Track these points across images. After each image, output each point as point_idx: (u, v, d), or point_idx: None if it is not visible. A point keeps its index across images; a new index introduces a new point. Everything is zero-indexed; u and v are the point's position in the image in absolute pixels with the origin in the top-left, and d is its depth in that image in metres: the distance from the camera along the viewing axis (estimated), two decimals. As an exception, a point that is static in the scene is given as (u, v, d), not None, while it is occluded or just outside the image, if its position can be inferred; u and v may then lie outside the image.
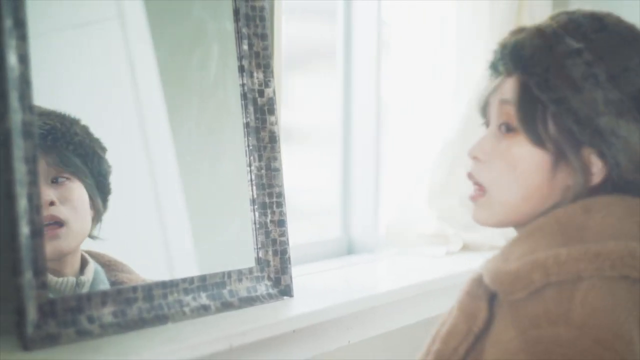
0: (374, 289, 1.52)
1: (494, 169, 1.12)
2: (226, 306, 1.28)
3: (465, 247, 2.01)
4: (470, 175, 1.15)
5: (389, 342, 1.63)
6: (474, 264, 1.76)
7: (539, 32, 1.11)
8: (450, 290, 1.65)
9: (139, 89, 1.24)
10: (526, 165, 1.10)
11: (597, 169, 1.08)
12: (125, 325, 1.13)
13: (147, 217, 1.28)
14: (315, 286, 1.50)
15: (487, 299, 1.10)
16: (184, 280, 1.23)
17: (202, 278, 1.26)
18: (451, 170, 2.02)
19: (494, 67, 1.15)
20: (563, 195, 1.10)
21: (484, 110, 1.16)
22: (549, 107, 1.07)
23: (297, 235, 1.62)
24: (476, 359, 1.08)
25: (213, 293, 1.27)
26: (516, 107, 1.10)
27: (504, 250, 1.11)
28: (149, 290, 1.18)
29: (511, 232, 1.37)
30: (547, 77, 1.07)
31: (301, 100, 2.06)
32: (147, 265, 1.23)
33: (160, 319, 1.18)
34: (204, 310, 1.24)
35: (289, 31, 1.73)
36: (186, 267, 1.28)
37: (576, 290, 1.01)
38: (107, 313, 1.12)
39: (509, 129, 1.11)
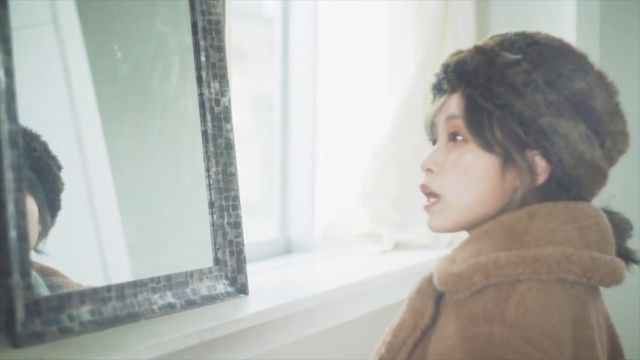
0: (323, 287, 1.63)
1: (447, 177, 1.20)
2: (190, 304, 1.38)
3: (398, 246, 2.16)
4: (423, 187, 1.25)
5: (336, 335, 1.77)
6: (407, 262, 1.94)
7: (479, 49, 1.22)
8: (388, 287, 1.81)
9: (75, 98, 1.30)
10: (477, 170, 1.18)
11: (542, 169, 1.17)
12: (102, 322, 1.22)
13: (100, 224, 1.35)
14: (266, 284, 1.61)
15: (435, 298, 1.18)
16: (151, 279, 1.33)
17: (168, 277, 1.36)
18: (383, 172, 2.17)
19: (437, 87, 1.25)
20: (513, 196, 1.18)
21: (430, 129, 1.27)
22: (494, 113, 1.16)
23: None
24: (423, 351, 1.16)
25: (178, 292, 1.37)
26: (464, 118, 1.18)
27: (453, 252, 1.19)
28: (122, 290, 1.28)
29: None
30: (490, 86, 1.16)
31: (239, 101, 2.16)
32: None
33: (133, 317, 1.27)
34: (171, 308, 1.35)
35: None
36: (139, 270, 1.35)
37: (514, 291, 1.09)
38: (85, 311, 1.21)
39: (456, 137, 1.21)
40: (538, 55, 1.19)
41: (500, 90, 1.16)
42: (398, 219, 2.19)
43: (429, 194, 1.25)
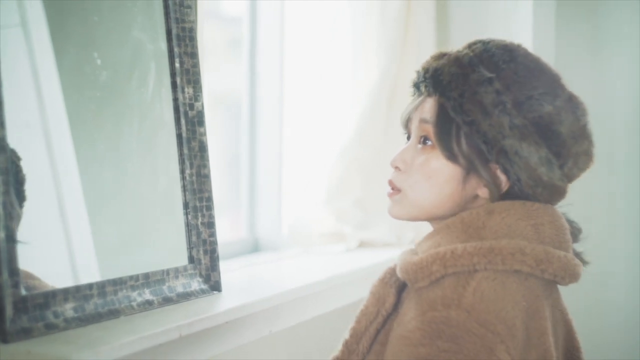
0: (292, 284, 1.71)
1: (411, 178, 1.28)
2: (167, 301, 1.46)
3: (362, 245, 2.25)
4: (390, 182, 1.32)
5: (305, 330, 1.85)
6: (371, 260, 2.03)
7: (457, 61, 1.26)
8: (354, 283, 1.90)
9: (44, 100, 1.36)
10: (440, 177, 1.25)
11: (502, 182, 1.24)
12: (85, 319, 1.29)
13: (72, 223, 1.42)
14: (237, 282, 1.69)
15: (397, 287, 1.25)
16: (130, 277, 1.40)
17: (146, 275, 1.43)
18: (347, 173, 2.25)
19: (416, 86, 1.32)
20: (472, 203, 1.27)
21: (407, 124, 1.33)
22: (462, 127, 1.22)
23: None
24: (385, 337, 1.23)
25: (155, 289, 1.45)
26: (434, 127, 1.25)
27: (416, 246, 1.28)
28: (102, 287, 1.35)
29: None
30: (461, 101, 1.22)
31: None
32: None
33: (114, 313, 1.35)
34: (149, 304, 1.42)
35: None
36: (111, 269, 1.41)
37: (471, 279, 1.15)
38: (69, 308, 1.28)
39: (426, 141, 1.27)
40: (513, 74, 1.24)
41: (469, 107, 1.21)
42: (362, 218, 2.28)
43: (393, 188, 1.32)
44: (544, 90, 1.24)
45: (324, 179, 2.24)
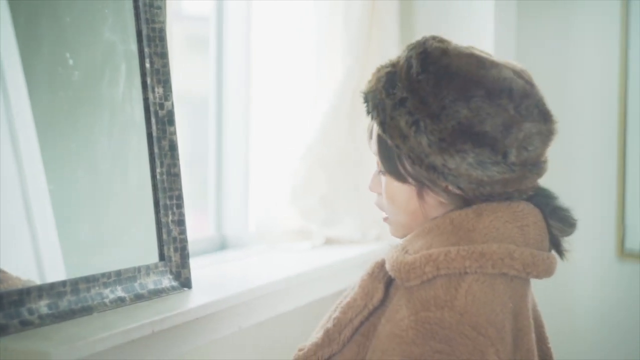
0: (261, 281, 1.76)
1: (385, 202, 1.34)
2: (138, 297, 1.50)
3: (328, 242, 2.30)
4: (376, 205, 1.39)
5: (273, 326, 1.90)
6: (338, 256, 2.08)
7: (378, 83, 1.28)
8: (321, 280, 1.95)
9: (10, 101, 1.38)
10: (400, 198, 1.31)
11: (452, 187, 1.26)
12: (59, 315, 1.33)
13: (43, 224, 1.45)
14: (206, 279, 1.72)
15: (385, 282, 1.28)
16: (103, 274, 1.44)
17: (118, 273, 1.47)
18: (312, 171, 2.29)
19: (367, 111, 1.33)
20: (446, 207, 1.29)
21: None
22: (395, 149, 1.25)
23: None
24: (368, 329, 1.27)
25: (127, 286, 1.49)
26: (378, 154, 1.31)
27: (405, 243, 1.29)
28: (75, 284, 1.39)
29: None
30: (384, 128, 1.25)
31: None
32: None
33: (87, 310, 1.38)
34: (121, 301, 1.46)
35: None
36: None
37: (462, 281, 1.19)
38: (43, 305, 1.32)
39: (380, 172, 1.35)
40: (425, 86, 1.23)
41: (390, 133, 1.25)
42: (327, 215, 2.32)
43: (380, 209, 1.38)
44: (455, 96, 1.22)
45: (290, 177, 2.27)
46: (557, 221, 1.31)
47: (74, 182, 1.43)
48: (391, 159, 1.29)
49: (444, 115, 1.22)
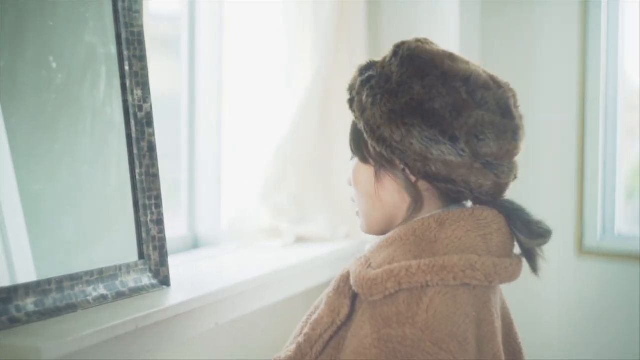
0: (237, 279, 1.81)
1: (353, 190, 1.42)
2: (120, 295, 1.55)
3: (299, 240, 2.36)
4: (352, 199, 1.45)
5: (249, 322, 1.95)
6: (310, 254, 2.14)
7: (358, 71, 1.39)
8: (294, 277, 2.01)
9: None
10: (362, 180, 1.38)
11: (408, 172, 1.32)
12: (45, 313, 1.38)
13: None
14: (183, 277, 1.78)
15: (351, 296, 1.30)
16: (86, 273, 1.49)
17: (100, 271, 1.52)
18: (282, 170, 2.35)
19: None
20: (401, 198, 1.35)
21: None
22: (362, 131, 1.33)
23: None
24: (338, 342, 1.29)
25: (109, 284, 1.53)
26: (349, 138, 1.40)
27: (368, 255, 1.32)
28: (60, 283, 1.43)
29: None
30: (352, 104, 1.36)
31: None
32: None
33: (71, 307, 1.43)
34: (103, 299, 1.51)
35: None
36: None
37: (424, 295, 1.20)
38: (30, 303, 1.36)
39: (352, 158, 1.42)
40: (391, 67, 1.33)
41: (355, 108, 1.35)
42: (298, 214, 2.38)
43: (354, 200, 1.45)
44: (412, 74, 1.29)
45: (261, 176, 2.33)
46: (526, 233, 1.34)
47: (58, 183, 1.47)
48: (357, 140, 1.37)
49: (400, 91, 1.29)
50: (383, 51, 2.66)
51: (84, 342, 1.30)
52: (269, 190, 2.34)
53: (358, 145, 1.38)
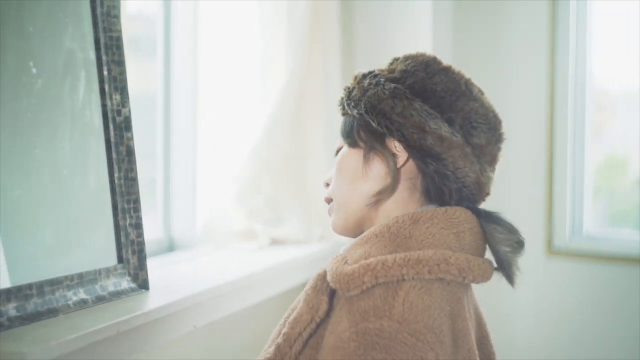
0: (215, 281, 1.83)
1: (333, 182, 1.45)
2: (100, 299, 1.56)
3: (274, 242, 2.38)
4: (326, 199, 1.48)
5: (227, 325, 1.97)
6: (285, 256, 2.17)
7: (359, 73, 1.47)
8: (271, 279, 2.03)
9: None
10: (349, 165, 1.42)
11: (400, 150, 1.37)
12: (26, 317, 1.39)
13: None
14: (160, 280, 1.79)
15: (329, 293, 1.32)
16: (66, 277, 1.50)
17: (80, 275, 1.54)
18: (257, 172, 2.37)
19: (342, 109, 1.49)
20: (383, 184, 1.39)
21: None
22: (355, 116, 1.41)
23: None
24: (317, 342, 1.30)
25: (88, 288, 1.55)
26: (340, 130, 1.45)
27: (345, 253, 1.35)
28: (41, 287, 1.44)
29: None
30: (351, 94, 1.43)
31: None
32: None
33: (52, 312, 1.45)
34: (84, 303, 1.52)
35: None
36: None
37: (400, 289, 1.23)
38: (11, 307, 1.38)
39: (338, 150, 1.47)
40: (393, 65, 1.44)
41: (354, 94, 1.42)
42: (272, 216, 2.40)
43: (326, 199, 1.47)
44: (416, 64, 1.41)
45: (236, 178, 2.34)
46: (506, 243, 1.38)
47: (38, 187, 1.48)
48: (350, 128, 1.43)
49: (403, 78, 1.40)
50: (356, 51, 2.71)
51: (68, 347, 1.32)
52: (244, 192, 2.35)
53: (349, 131, 1.43)
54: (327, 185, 1.48)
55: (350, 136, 1.42)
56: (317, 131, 2.52)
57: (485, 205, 1.46)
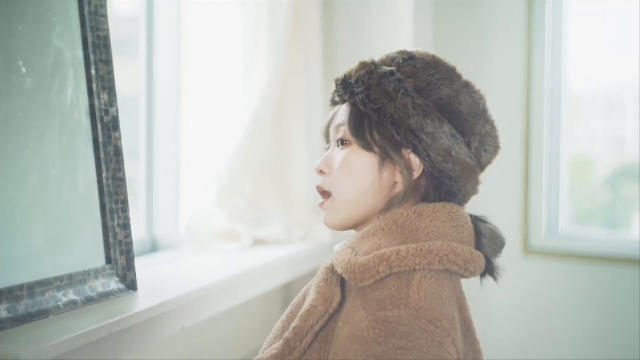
0: (202, 282, 1.83)
1: (335, 177, 1.41)
2: (89, 300, 1.55)
3: (257, 242, 2.38)
4: (318, 187, 1.44)
5: (214, 325, 1.97)
6: (269, 256, 2.17)
7: (362, 64, 1.42)
8: (256, 279, 2.03)
9: None
10: (360, 168, 1.39)
11: (416, 165, 1.37)
12: (18, 319, 1.38)
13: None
14: (147, 281, 1.78)
15: (340, 285, 1.33)
16: (56, 278, 1.49)
17: (70, 276, 1.52)
18: (239, 173, 2.37)
19: (332, 100, 1.47)
20: (392, 191, 1.39)
21: (327, 135, 1.49)
22: (372, 117, 1.36)
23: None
24: (327, 334, 1.30)
25: (78, 289, 1.54)
26: (348, 124, 1.40)
27: (353, 245, 1.36)
28: (32, 288, 1.43)
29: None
30: (368, 93, 1.37)
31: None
32: None
33: (43, 313, 1.43)
34: (74, 304, 1.51)
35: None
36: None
37: (412, 279, 1.26)
38: (3, 309, 1.36)
39: (343, 142, 1.42)
40: (412, 67, 1.41)
41: (376, 96, 1.37)
42: (254, 217, 2.40)
43: (323, 193, 1.44)
44: (441, 76, 1.40)
45: (218, 179, 2.34)
46: (491, 243, 1.43)
47: (28, 188, 1.47)
48: (362, 127, 1.39)
49: (428, 90, 1.38)
50: (337, 51, 2.71)
51: (62, 348, 1.31)
52: (226, 193, 2.35)
53: (361, 133, 1.39)
54: (321, 172, 1.45)
55: (363, 138, 1.39)
56: (299, 131, 2.52)
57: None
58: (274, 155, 2.46)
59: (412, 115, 1.35)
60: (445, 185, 1.39)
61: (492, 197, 3.11)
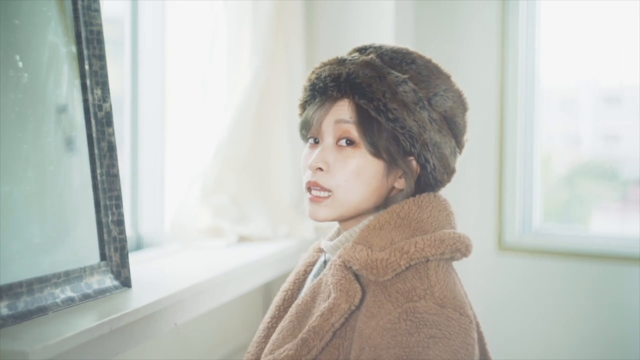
0: (194, 279, 1.81)
1: (338, 176, 1.38)
2: (86, 297, 1.53)
3: (241, 239, 2.37)
4: (314, 183, 1.39)
5: (205, 321, 1.95)
6: (256, 253, 2.16)
7: (369, 64, 1.38)
8: (245, 276, 2.02)
9: None
10: (367, 173, 1.38)
11: (413, 170, 1.41)
12: (18, 316, 1.36)
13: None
14: (138, 278, 1.76)
15: (357, 281, 1.33)
16: (53, 275, 1.47)
17: (67, 273, 1.50)
18: (222, 171, 2.36)
19: (322, 91, 1.41)
20: (388, 193, 1.42)
21: (313, 129, 1.42)
22: (384, 125, 1.35)
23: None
24: (345, 330, 1.30)
25: (74, 286, 1.52)
26: (357, 126, 1.36)
27: (361, 241, 1.36)
28: (30, 285, 1.41)
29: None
30: (385, 102, 1.34)
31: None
32: None
33: (42, 310, 1.41)
34: (71, 301, 1.49)
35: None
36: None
37: (428, 269, 1.30)
38: (3, 306, 1.34)
39: (349, 142, 1.38)
40: (417, 74, 1.40)
41: (394, 106, 1.35)
42: (238, 214, 2.39)
43: (321, 188, 1.40)
44: (445, 87, 1.42)
45: (202, 176, 2.33)
46: None
47: (25, 184, 1.44)
48: (372, 132, 1.37)
49: (435, 101, 1.40)
50: (319, 50, 2.71)
51: (66, 345, 1.29)
52: (209, 191, 2.35)
53: (372, 137, 1.37)
54: (319, 169, 1.40)
55: (374, 143, 1.37)
56: (281, 129, 2.52)
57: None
58: (257, 152, 2.45)
59: (428, 130, 1.39)
60: (430, 187, 1.46)
61: (468, 194, 3.14)
